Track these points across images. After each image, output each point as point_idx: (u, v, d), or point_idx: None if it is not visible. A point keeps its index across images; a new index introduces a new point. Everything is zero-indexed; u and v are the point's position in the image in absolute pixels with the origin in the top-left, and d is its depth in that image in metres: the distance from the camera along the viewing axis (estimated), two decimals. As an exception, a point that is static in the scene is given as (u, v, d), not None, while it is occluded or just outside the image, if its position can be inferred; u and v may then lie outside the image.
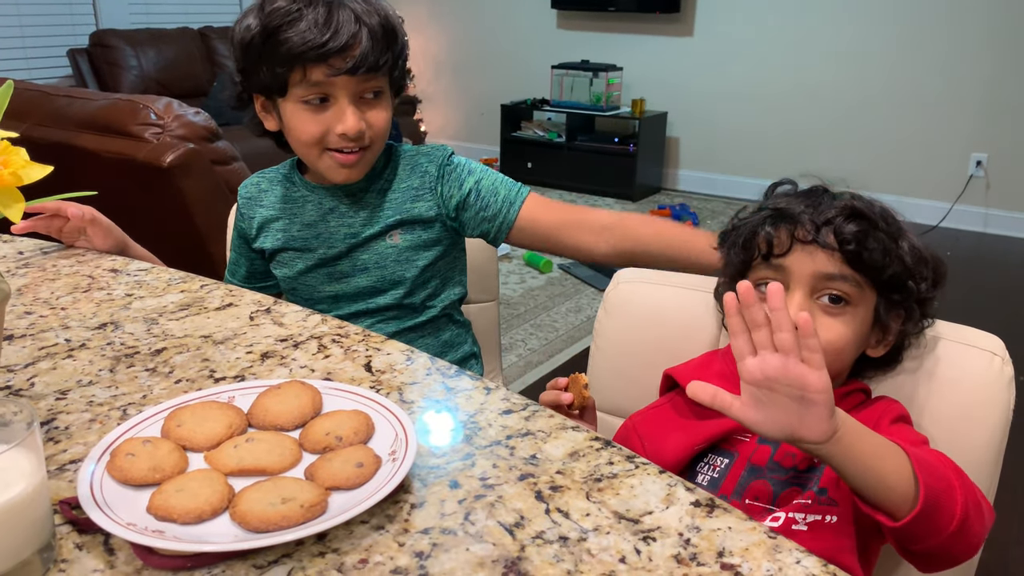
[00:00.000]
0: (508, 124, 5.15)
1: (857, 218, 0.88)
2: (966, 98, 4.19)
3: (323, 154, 1.10)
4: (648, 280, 1.09)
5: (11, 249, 1.18)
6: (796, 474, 0.86)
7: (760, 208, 0.94)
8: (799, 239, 0.88)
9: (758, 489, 0.86)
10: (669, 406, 0.97)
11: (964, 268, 3.88)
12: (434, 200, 1.17)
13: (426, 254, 1.18)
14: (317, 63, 1.03)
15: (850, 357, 0.91)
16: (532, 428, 0.72)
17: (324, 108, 1.07)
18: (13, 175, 0.58)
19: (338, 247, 1.16)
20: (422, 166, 1.18)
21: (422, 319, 1.21)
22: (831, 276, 0.87)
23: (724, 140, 4.88)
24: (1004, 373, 0.90)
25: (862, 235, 0.86)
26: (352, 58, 1.03)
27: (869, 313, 0.89)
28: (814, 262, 0.87)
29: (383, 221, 1.16)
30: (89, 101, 2.18)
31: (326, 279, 1.18)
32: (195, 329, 0.91)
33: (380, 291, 1.18)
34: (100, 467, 0.61)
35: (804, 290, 0.87)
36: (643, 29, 5.00)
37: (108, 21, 4.73)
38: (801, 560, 0.56)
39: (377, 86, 1.10)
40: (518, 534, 0.58)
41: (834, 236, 0.87)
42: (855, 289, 0.87)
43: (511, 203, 1.17)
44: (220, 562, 0.54)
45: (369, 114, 1.09)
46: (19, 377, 0.79)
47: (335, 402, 0.71)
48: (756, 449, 0.88)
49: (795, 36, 4.54)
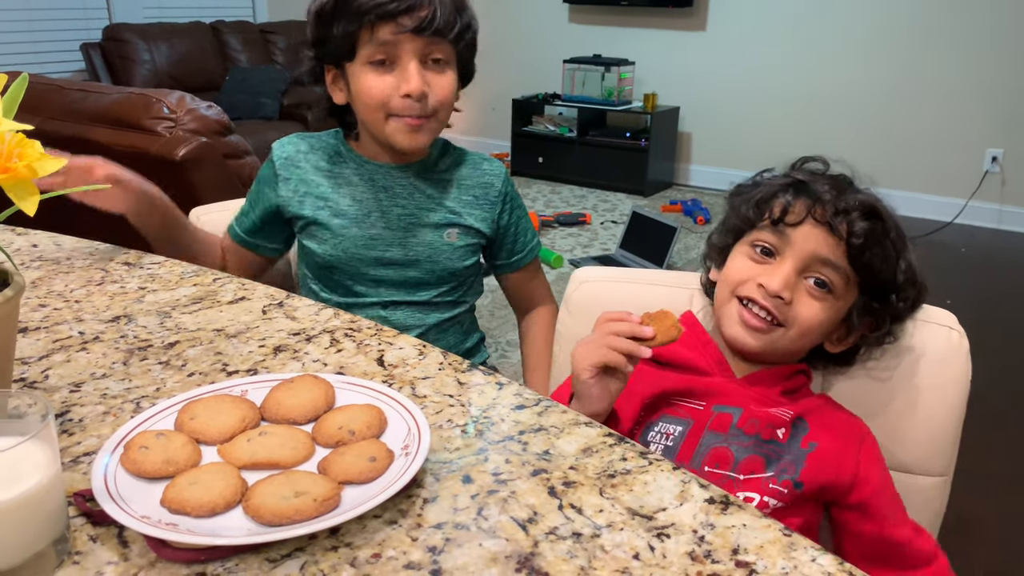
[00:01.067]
0: (519, 118, 5.15)
1: (874, 218, 0.89)
2: (982, 94, 4.16)
3: (388, 119, 1.11)
4: (609, 278, 1.10)
5: (25, 242, 1.18)
6: (758, 442, 0.88)
7: (786, 175, 0.94)
8: (814, 216, 0.89)
9: (719, 455, 0.87)
10: None
11: (978, 264, 3.85)
12: (490, 215, 1.22)
13: (474, 257, 1.22)
14: (384, 21, 1.06)
15: (812, 342, 0.93)
16: (545, 424, 0.72)
17: (389, 70, 1.09)
18: (28, 168, 0.58)
19: (392, 228, 1.17)
20: (486, 176, 1.22)
21: (458, 312, 1.24)
22: (826, 261, 0.89)
23: (737, 135, 4.86)
24: (962, 346, 0.96)
25: (872, 235, 0.88)
26: (419, 18, 1.06)
27: (845, 309, 0.92)
28: (818, 243, 0.89)
29: (442, 215, 1.18)
30: (102, 95, 2.19)
31: (373, 263, 1.18)
32: (208, 323, 0.91)
33: (427, 284, 1.19)
34: (114, 460, 0.61)
35: (796, 265, 0.89)
36: (655, 23, 4.98)
37: (121, 15, 4.75)
38: (817, 558, 0.56)
39: (442, 53, 1.11)
40: (531, 530, 0.58)
41: (847, 226, 0.88)
42: (842, 281, 0.90)
43: (528, 251, 1.29)
44: (233, 555, 0.54)
45: (433, 80, 1.11)
46: (33, 369, 0.79)
47: (348, 396, 0.71)
48: (714, 416, 0.90)
49: (809, 30, 4.51)
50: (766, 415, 0.90)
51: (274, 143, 1.23)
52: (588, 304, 1.08)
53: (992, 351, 2.86)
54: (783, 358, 0.94)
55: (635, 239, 3.57)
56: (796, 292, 0.89)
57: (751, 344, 0.90)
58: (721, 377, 0.93)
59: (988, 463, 2.16)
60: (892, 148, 4.43)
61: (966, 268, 3.80)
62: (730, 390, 0.92)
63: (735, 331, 0.91)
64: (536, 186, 4.98)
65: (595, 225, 4.19)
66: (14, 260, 1.09)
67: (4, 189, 0.59)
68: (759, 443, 0.88)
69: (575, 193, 4.84)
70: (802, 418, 0.91)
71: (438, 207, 1.19)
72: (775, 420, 0.89)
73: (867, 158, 4.66)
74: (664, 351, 0.94)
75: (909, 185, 4.44)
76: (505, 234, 1.25)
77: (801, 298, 0.89)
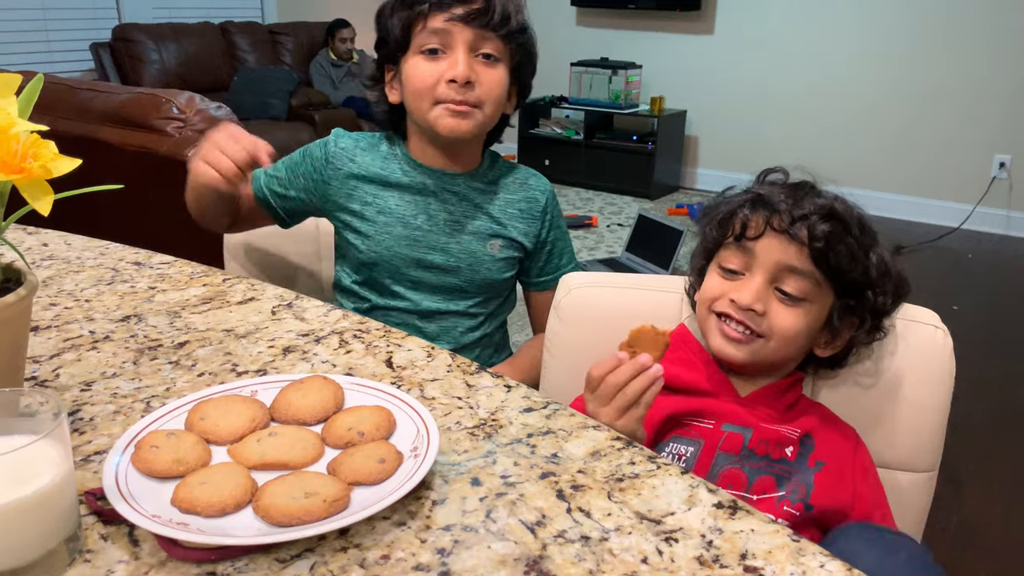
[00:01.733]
0: (526, 121, 5.15)
1: (832, 219, 0.90)
2: (990, 99, 4.15)
3: (434, 106, 1.12)
4: (600, 284, 1.09)
5: (35, 241, 1.19)
6: (769, 462, 0.88)
7: (746, 191, 0.96)
8: (772, 227, 0.90)
9: (732, 476, 0.88)
10: None
11: (986, 270, 3.84)
12: (532, 229, 1.23)
13: (512, 270, 1.23)
14: (438, 10, 1.09)
15: (798, 350, 0.94)
16: (553, 427, 0.72)
17: (440, 59, 1.11)
18: (43, 168, 0.58)
19: (436, 232, 1.18)
20: (532, 189, 1.24)
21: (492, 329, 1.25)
22: (793, 269, 0.90)
23: (743, 139, 4.85)
24: (946, 344, 0.97)
25: (833, 236, 0.89)
26: (471, 8, 1.09)
27: (824, 312, 0.92)
28: (781, 252, 0.90)
29: (487, 224, 1.19)
30: (112, 95, 2.20)
31: (414, 264, 1.18)
32: (217, 323, 0.92)
33: (464, 292, 1.20)
34: (125, 459, 0.61)
35: (765, 276, 0.90)
36: (663, 27, 4.98)
37: (130, 15, 4.76)
38: (825, 564, 0.56)
39: (493, 48, 1.13)
40: (540, 533, 0.58)
41: (807, 232, 0.89)
42: (812, 288, 0.90)
43: (557, 275, 1.24)
44: (243, 555, 0.55)
45: (481, 72, 1.12)
46: (44, 368, 0.80)
47: (357, 397, 0.72)
48: (725, 436, 0.90)
49: (817, 34, 4.51)
50: (775, 435, 0.90)
51: (335, 128, 1.25)
52: (579, 309, 1.07)
53: (998, 356, 2.85)
54: (774, 368, 0.94)
55: (641, 242, 3.57)
56: (769, 303, 0.90)
57: (736, 355, 0.91)
58: (727, 397, 0.94)
59: (994, 468, 2.15)
60: (900, 153, 4.43)
61: (973, 274, 3.79)
62: (737, 410, 0.92)
63: (718, 343, 0.92)
64: (542, 188, 4.98)
65: (601, 228, 4.19)
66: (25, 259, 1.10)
67: (19, 189, 0.59)
68: (770, 463, 0.89)
69: (581, 196, 4.84)
70: (809, 435, 0.92)
71: (484, 216, 1.20)
72: (783, 439, 0.90)
73: (874, 163, 4.67)
74: (669, 377, 0.93)
75: (916, 190, 4.43)
76: (540, 251, 1.25)
77: (775, 308, 0.90)
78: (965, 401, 2.47)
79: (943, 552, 1.81)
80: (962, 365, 0.98)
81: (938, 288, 3.50)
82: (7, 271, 0.67)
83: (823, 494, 0.88)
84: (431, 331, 1.20)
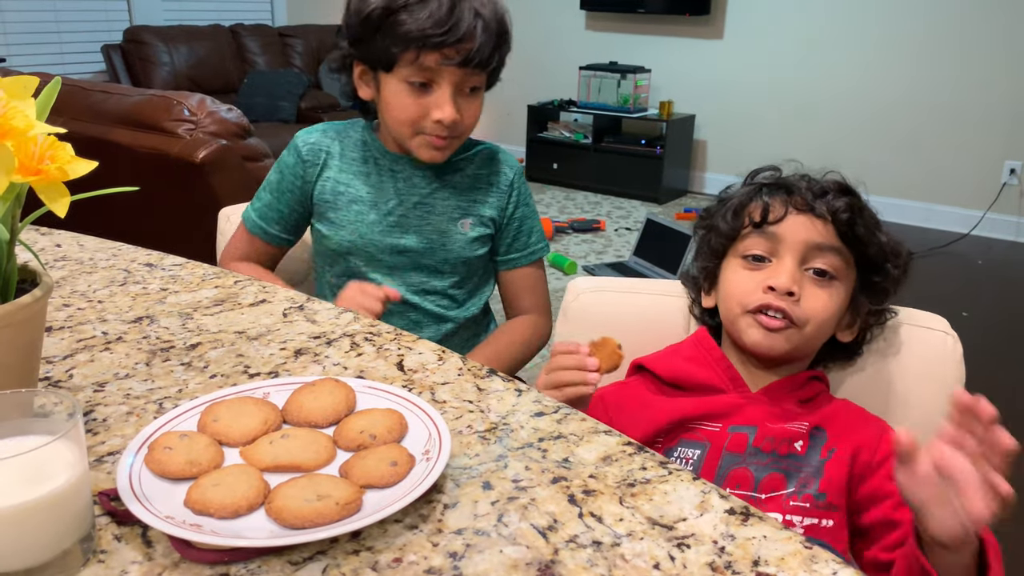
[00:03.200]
0: (534, 125, 5.15)
1: (849, 194, 0.92)
2: (1000, 105, 4.13)
3: (416, 135, 1.14)
4: (608, 288, 1.09)
5: (49, 242, 1.19)
6: (776, 459, 0.87)
7: (748, 184, 0.96)
8: (795, 207, 0.91)
9: (740, 476, 0.87)
10: (636, 381, 0.99)
11: (996, 276, 3.82)
12: (499, 203, 1.23)
13: (485, 247, 1.23)
14: (432, 50, 1.07)
15: (828, 332, 0.93)
16: (564, 431, 0.72)
17: (425, 92, 1.11)
18: (59, 170, 0.59)
19: (409, 216, 1.19)
20: (500, 164, 1.24)
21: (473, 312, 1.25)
22: (822, 246, 0.90)
23: (752, 143, 4.84)
24: (956, 350, 0.97)
25: (853, 209, 0.90)
26: (465, 51, 1.08)
27: (849, 292, 0.93)
28: (807, 230, 0.90)
29: (456, 204, 1.20)
30: (124, 97, 2.21)
31: (389, 249, 1.19)
32: (229, 325, 0.92)
33: (440, 273, 1.21)
34: (138, 460, 0.61)
35: (795, 258, 0.90)
36: (672, 31, 4.98)
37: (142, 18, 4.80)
38: (838, 572, 0.55)
39: (479, 82, 1.14)
40: (551, 537, 0.58)
41: (827, 207, 0.90)
42: (841, 263, 0.91)
43: (529, 254, 1.26)
44: (256, 557, 0.55)
45: (465, 107, 1.13)
46: (58, 368, 0.80)
47: (369, 400, 0.72)
48: (730, 437, 0.89)
49: (826, 39, 4.50)
50: (781, 431, 0.89)
51: (297, 132, 1.25)
52: (586, 314, 1.07)
53: (1008, 363, 2.83)
54: (802, 358, 0.94)
55: (649, 246, 3.57)
56: (803, 286, 0.89)
57: (778, 346, 0.89)
58: (736, 393, 0.93)
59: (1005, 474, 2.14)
60: (909, 159, 4.41)
61: (983, 280, 3.77)
62: (745, 408, 0.91)
63: (757, 339, 0.90)
64: (550, 192, 4.98)
65: (609, 232, 4.18)
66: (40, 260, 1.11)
67: (36, 191, 0.59)
68: (776, 459, 0.88)
69: (589, 200, 4.84)
70: (820, 427, 0.90)
71: (454, 197, 1.21)
72: (791, 434, 0.89)
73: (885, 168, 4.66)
74: (678, 372, 0.94)
75: (927, 196, 4.41)
76: (507, 227, 1.25)
77: (808, 292, 0.89)
78: (975, 408, 2.47)
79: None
80: (972, 371, 0.98)
81: (948, 294, 3.48)
82: (22, 272, 0.68)
83: (834, 475, 0.86)
84: (412, 316, 1.21)
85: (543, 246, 1.29)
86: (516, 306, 1.30)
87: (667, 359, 0.98)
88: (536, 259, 1.28)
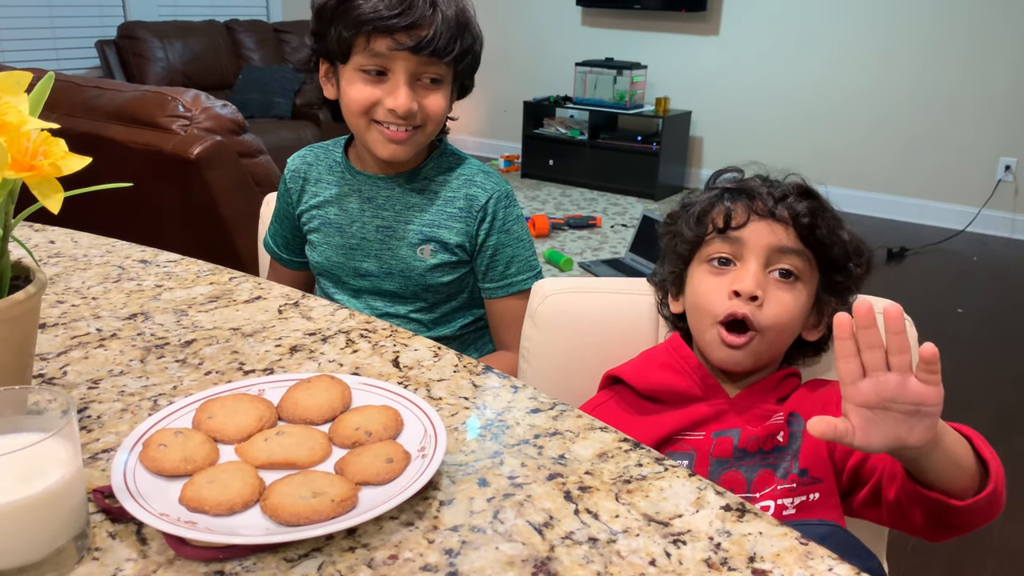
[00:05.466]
0: (530, 121, 5.15)
1: (809, 197, 0.93)
2: (996, 102, 4.14)
3: (371, 126, 1.10)
4: (577, 289, 1.06)
5: (42, 238, 1.19)
6: (763, 455, 0.88)
7: (711, 188, 0.96)
8: (756, 212, 0.92)
9: (732, 480, 0.88)
10: (613, 403, 0.97)
11: (990, 273, 3.83)
12: (466, 229, 1.16)
13: (454, 273, 1.18)
14: (382, 34, 1.04)
15: (791, 336, 0.94)
16: (560, 428, 0.72)
17: (380, 81, 1.08)
18: (53, 166, 0.59)
19: (370, 240, 1.17)
20: (474, 189, 1.17)
21: (453, 331, 1.22)
22: (784, 249, 0.91)
23: (748, 140, 4.85)
24: (911, 333, 0.95)
25: (814, 211, 0.91)
26: (418, 37, 1.05)
27: (812, 292, 0.94)
28: (770, 234, 0.91)
29: (418, 229, 1.16)
30: (118, 92, 2.20)
31: (352, 272, 1.19)
32: (224, 321, 0.92)
33: (402, 298, 1.19)
34: (133, 457, 0.61)
35: (759, 261, 0.91)
36: (668, 27, 4.97)
37: (136, 13, 4.78)
38: (833, 568, 0.55)
39: (437, 73, 1.10)
40: (547, 534, 0.58)
41: (788, 211, 0.91)
42: (804, 264, 0.92)
43: (505, 285, 1.19)
44: (251, 554, 0.55)
45: (423, 98, 1.09)
46: (52, 365, 0.80)
47: (364, 397, 0.72)
48: (715, 443, 0.90)
49: (822, 36, 4.50)
50: (763, 428, 0.90)
51: (288, 158, 1.26)
52: (556, 316, 1.04)
53: (1002, 359, 2.84)
54: (769, 363, 0.94)
55: (645, 243, 3.57)
56: (767, 289, 0.90)
57: (741, 362, 0.91)
58: (716, 400, 0.93)
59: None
60: (905, 155, 4.42)
61: (978, 277, 3.78)
62: (726, 413, 0.92)
63: (722, 356, 0.91)
64: (546, 188, 4.98)
65: (605, 228, 4.18)
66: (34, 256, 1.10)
67: (29, 187, 0.59)
68: (763, 456, 0.88)
69: (585, 196, 4.84)
70: (794, 413, 0.91)
71: (416, 221, 1.16)
72: (772, 428, 0.90)
73: (880, 165, 4.67)
74: (655, 384, 0.94)
75: (921, 193, 4.42)
76: (480, 254, 1.18)
77: (771, 295, 0.90)
78: (970, 403, 2.48)
79: (947, 551, 1.80)
80: (967, 367, 0.98)
81: (943, 291, 3.49)
82: (16, 268, 0.67)
83: (811, 453, 0.87)
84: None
85: (524, 279, 1.19)
86: (496, 339, 1.24)
87: (642, 369, 0.96)
88: (514, 292, 1.19)
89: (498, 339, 1.23)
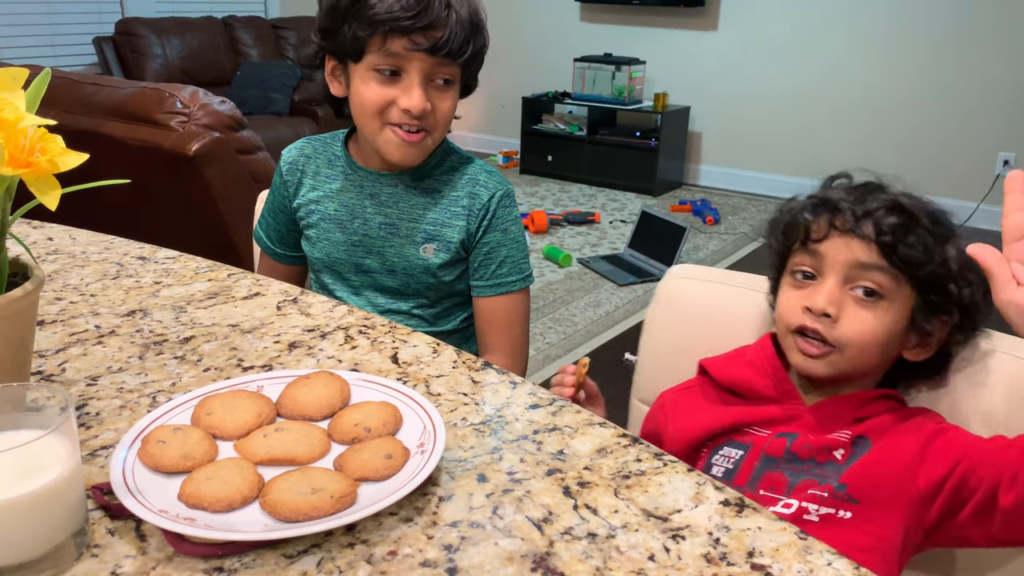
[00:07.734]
0: (529, 117, 5.14)
1: (899, 212, 0.88)
2: (994, 97, 4.13)
3: (384, 128, 1.09)
4: (701, 277, 1.11)
5: (40, 235, 1.19)
6: (812, 465, 0.87)
7: (809, 196, 0.95)
8: (837, 227, 0.89)
9: (773, 479, 0.87)
10: (698, 389, 1.00)
11: (989, 269, 3.82)
12: (467, 227, 1.16)
13: (455, 270, 1.18)
14: (399, 35, 1.04)
15: (880, 354, 0.90)
16: (559, 423, 0.72)
17: (393, 81, 1.07)
18: (50, 162, 0.58)
19: (372, 236, 1.16)
20: (477, 187, 1.17)
21: (449, 328, 1.22)
22: (865, 266, 0.87)
23: (747, 135, 4.84)
24: None
25: (901, 229, 0.87)
26: (434, 38, 1.04)
27: (905, 312, 0.89)
28: (849, 251, 0.88)
29: (421, 228, 1.16)
30: (116, 89, 2.20)
31: (353, 268, 1.18)
32: (223, 318, 0.92)
33: (404, 295, 1.19)
34: (132, 453, 0.61)
35: (837, 278, 0.88)
36: (667, 23, 4.96)
37: (134, 10, 4.76)
38: (832, 562, 0.55)
39: (450, 74, 1.10)
40: (546, 529, 0.58)
41: (872, 227, 0.87)
42: (890, 282, 0.87)
43: (494, 284, 1.18)
44: (250, 551, 0.55)
45: (436, 99, 1.09)
46: (50, 362, 0.80)
47: (363, 393, 0.72)
48: (770, 441, 0.89)
49: (821, 31, 4.49)
50: (822, 441, 0.88)
51: (283, 150, 1.24)
52: (677, 297, 1.10)
53: (1002, 356, 2.84)
54: (857, 380, 0.91)
55: (644, 239, 3.57)
56: (844, 307, 0.87)
57: (817, 370, 0.89)
58: (790, 403, 0.92)
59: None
60: (903, 151, 4.42)
61: (977, 272, 3.78)
62: (797, 419, 0.91)
63: (798, 361, 0.90)
64: (545, 184, 4.98)
65: (604, 224, 4.18)
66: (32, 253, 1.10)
67: (26, 183, 0.59)
68: (814, 466, 0.87)
69: (584, 192, 4.83)
70: (864, 436, 0.88)
71: (420, 219, 1.16)
72: (832, 443, 0.87)
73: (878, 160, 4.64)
74: (736, 378, 0.96)
75: (920, 188, 4.38)
76: (475, 251, 1.17)
77: (849, 312, 0.87)
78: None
79: None
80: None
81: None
82: (14, 265, 0.67)
83: (860, 471, 0.84)
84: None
85: (515, 280, 1.18)
86: (481, 341, 1.22)
87: (728, 363, 0.98)
88: (503, 292, 1.18)
89: (483, 341, 1.21)
